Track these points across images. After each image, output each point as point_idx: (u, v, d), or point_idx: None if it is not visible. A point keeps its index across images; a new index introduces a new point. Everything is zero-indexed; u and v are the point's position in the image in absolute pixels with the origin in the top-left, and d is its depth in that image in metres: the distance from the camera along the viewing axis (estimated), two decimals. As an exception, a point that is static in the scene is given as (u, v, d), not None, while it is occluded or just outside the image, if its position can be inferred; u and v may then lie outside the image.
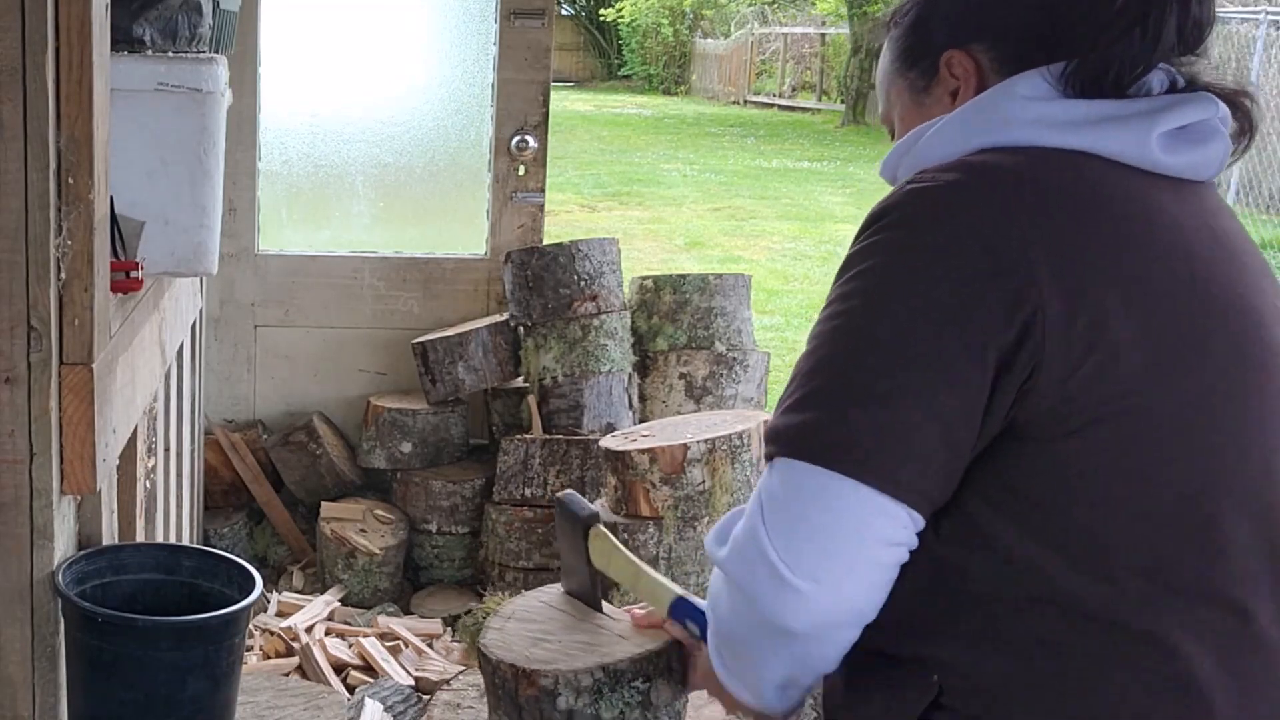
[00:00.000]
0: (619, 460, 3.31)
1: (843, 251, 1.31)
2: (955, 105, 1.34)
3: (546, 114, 4.19)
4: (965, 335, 1.16)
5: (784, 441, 1.21)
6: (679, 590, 1.72)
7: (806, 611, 1.18)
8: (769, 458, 1.23)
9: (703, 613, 1.61)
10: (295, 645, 3.38)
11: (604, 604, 2.12)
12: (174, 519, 3.10)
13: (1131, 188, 1.23)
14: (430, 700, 3.03)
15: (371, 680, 3.21)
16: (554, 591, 2.44)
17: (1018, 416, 1.17)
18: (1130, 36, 1.25)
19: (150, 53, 2.34)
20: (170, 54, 2.37)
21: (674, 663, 1.87)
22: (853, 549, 1.17)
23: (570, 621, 2.49)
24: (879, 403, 1.16)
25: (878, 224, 1.25)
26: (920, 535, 1.21)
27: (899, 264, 1.20)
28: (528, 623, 2.28)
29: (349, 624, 3.58)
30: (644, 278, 4.12)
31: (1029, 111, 1.26)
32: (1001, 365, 1.16)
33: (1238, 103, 1.32)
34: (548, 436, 3.83)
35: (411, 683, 3.22)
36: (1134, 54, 1.26)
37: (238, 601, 2.11)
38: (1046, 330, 1.15)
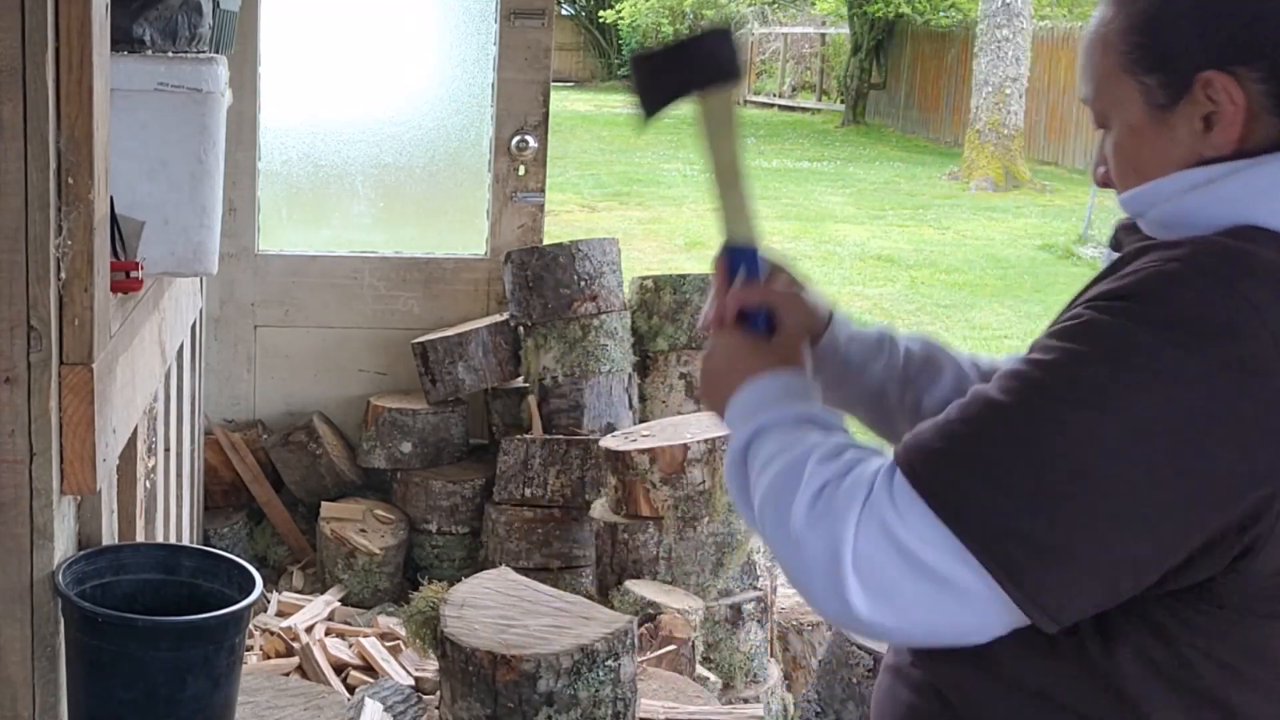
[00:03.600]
0: (619, 460, 3.30)
1: (842, 251, 1.20)
2: (1210, 136, 1.12)
3: (546, 114, 4.19)
4: (1189, 492, 1.01)
5: (930, 488, 1.06)
6: (755, 237, 1.39)
7: (844, 621, 1.09)
8: (905, 473, 1.08)
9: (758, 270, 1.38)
10: (295, 645, 3.38)
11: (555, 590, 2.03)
12: (174, 519, 3.10)
13: None
14: (432, 700, 3.03)
15: (371, 680, 3.20)
16: (493, 576, 2.43)
17: (1214, 581, 1.05)
18: None
19: (150, 53, 2.34)
20: (170, 54, 2.37)
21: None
22: (930, 616, 1.06)
23: (525, 606, 2.50)
24: (1066, 522, 1.01)
25: (1137, 305, 1.04)
26: (1087, 653, 1.09)
27: (1142, 375, 1.02)
28: (484, 609, 2.29)
29: (349, 624, 3.58)
30: (644, 278, 4.12)
31: None
32: (1215, 536, 1.03)
33: None
34: (548, 436, 3.83)
35: (411, 683, 3.22)
36: None
37: (238, 601, 2.11)
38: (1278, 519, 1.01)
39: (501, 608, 2.28)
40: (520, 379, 4.03)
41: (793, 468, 1.14)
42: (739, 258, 1.38)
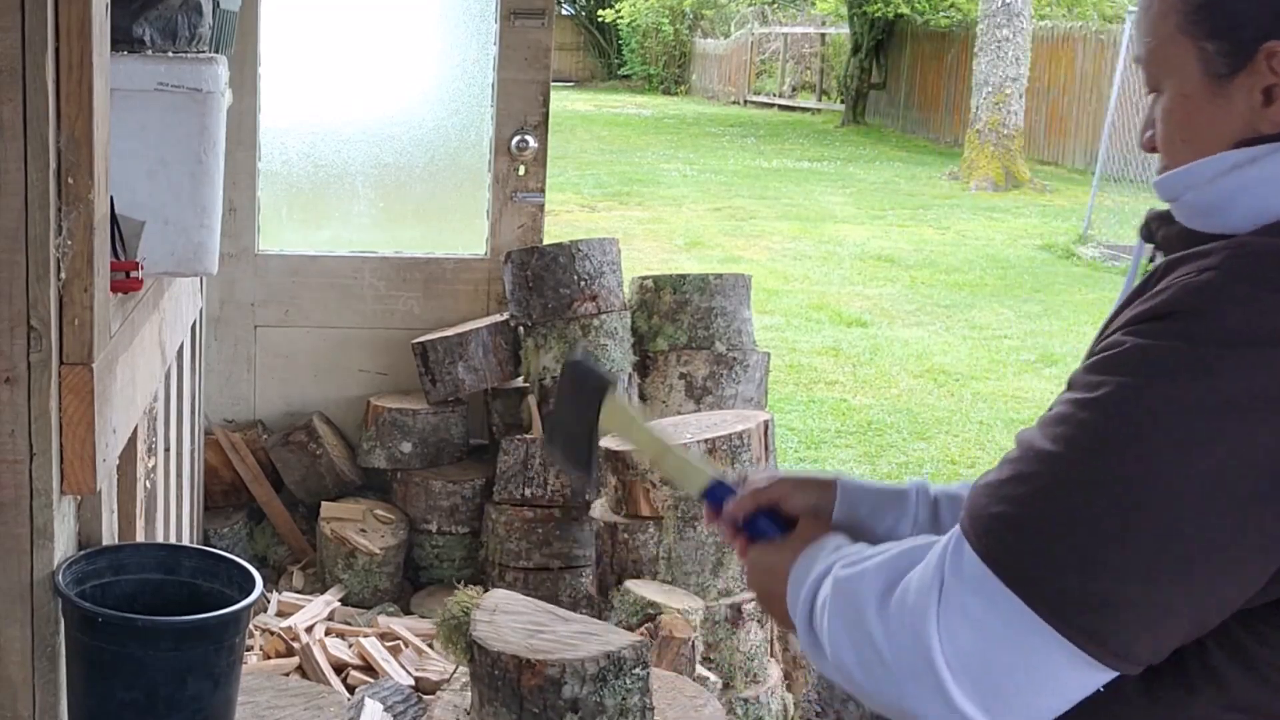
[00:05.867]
0: (619, 460, 3.31)
1: (842, 251, 1.18)
2: (1269, 111, 1.06)
3: (546, 114, 4.19)
4: (1258, 522, 0.95)
5: (994, 556, 1.00)
6: (711, 471, 1.49)
7: None
8: (973, 546, 1.02)
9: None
10: (295, 645, 3.38)
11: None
12: (174, 519, 3.10)
13: None
14: (432, 700, 3.03)
15: (371, 680, 3.21)
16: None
17: None
18: None
19: (150, 53, 2.34)
20: (170, 54, 2.37)
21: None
22: (1037, 698, 1.00)
23: (558, 614, 2.50)
24: (1124, 568, 0.96)
25: (1178, 322, 0.98)
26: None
27: (1203, 399, 0.95)
28: (516, 615, 2.29)
29: (349, 624, 3.58)
30: (644, 278, 4.12)
31: None
32: None
33: None
34: (548, 436, 3.84)
35: (411, 683, 3.22)
36: None
37: (238, 601, 2.11)
38: None
39: (534, 613, 2.28)
40: (520, 379, 4.03)
41: (851, 584, 1.10)
42: (713, 495, 1.46)
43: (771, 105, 24.56)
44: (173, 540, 3.05)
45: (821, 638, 1.13)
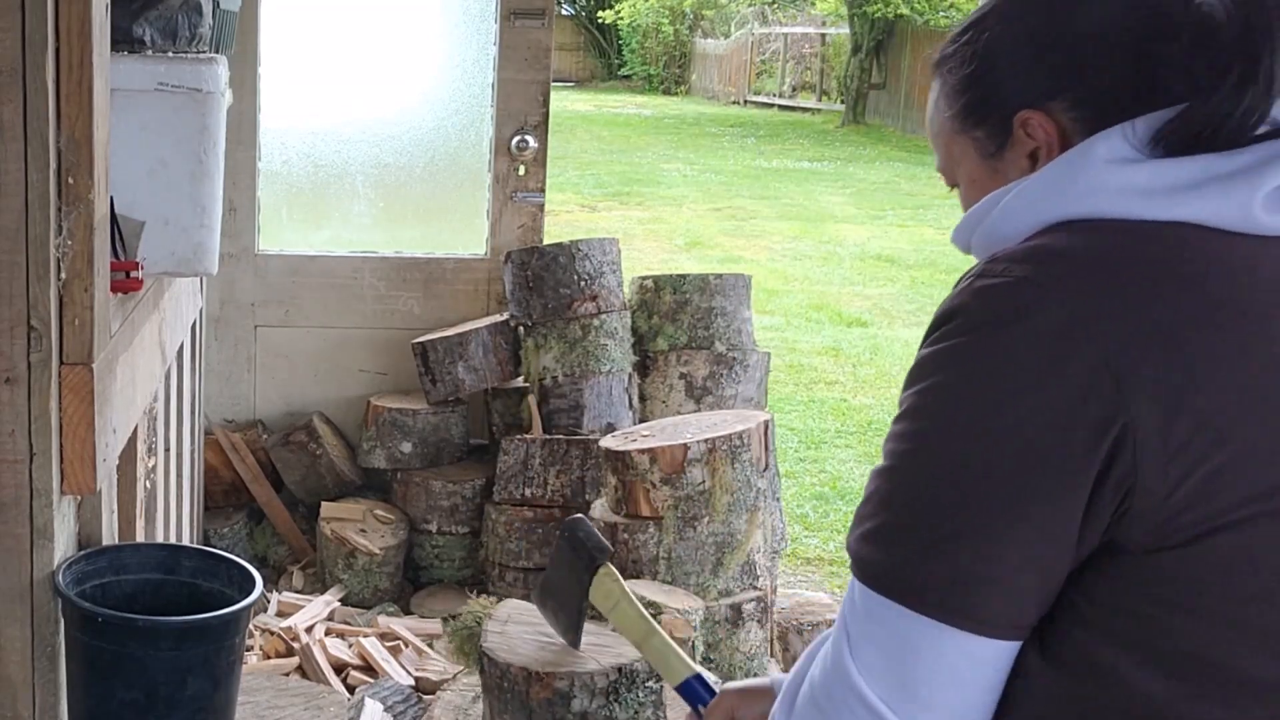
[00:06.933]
0: (619, 460, 3.31)
1: (842, 251, 1.23)
2: (1036, 168, 1.20)
3: (546, 114, 4.19)
4: (1046, 466, 1.05)
5: (867, 575, 1.12)
6: (694, 666, 1.58)
7: None
8: (855, 576, 1.14)
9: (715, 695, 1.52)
10: (295, 645, 3.38)
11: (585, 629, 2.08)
12: (174, 519, 3.10)
13: (1234, 260, 1.09)
14: (432, 700, 3.03)
15: (371, 680, 3.21)
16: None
17: (1116, 536, 1.07)
18: (1244, 86, 1.10)
19: (150, 53, 2.34)
20: (170, 54, 2.37)
21: None
22: (947, 689, 1.09)
23: None
24: (957, 543, 1.07)
25: (944, 327, 1.12)
26: (1027, 662, 1.12)
27: (968, 384, 1.09)
28: (527, 625, 2.28)
29: (349, 624, 3.58)
30: (644, 278, 4.12)
31: (1113, 179, 1.12)
32: (1092, 491, 1.05)
33: None
34: (548, 436, 3.83)
35: (411, 683, 3.22)
36: (1246, 104, 1.10)
37: (238, 601, 2.11)
38: (1139, 451, 1.04)
39: (547, 624, 2.27)
40: (520, 379, 4.03)
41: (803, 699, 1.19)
42: (690, 690, 1.55)
43: (771, 105, 24.56)
44: (173, 540, 3.05)
45: None
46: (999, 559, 1.07)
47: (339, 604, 3.71)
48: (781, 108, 24.28)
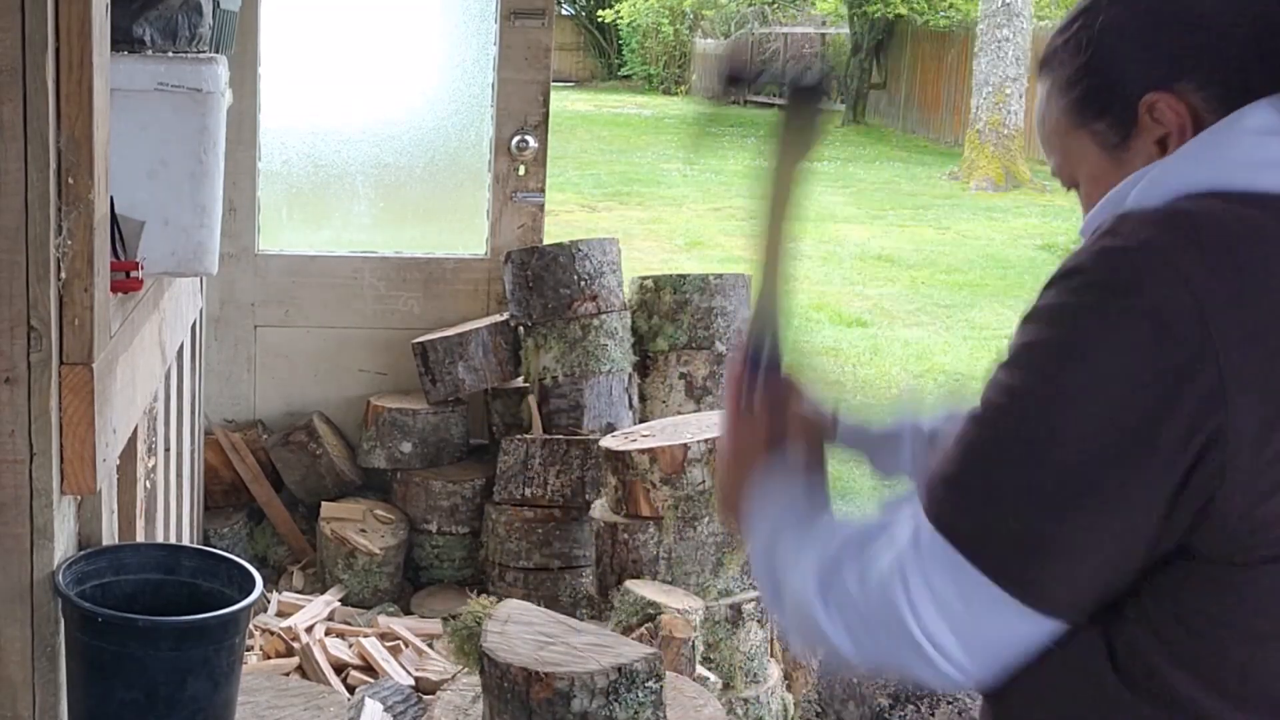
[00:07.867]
0: (619, 460, 3.31)
1: (842, 251, 1.18)
2: (1167, 154, 1.14)
3: (546, 114, 4.19)
4: (1131, 452, 1.01)
5: (932, 514, 1.10)
6: (777, 330, 1.37)
7: (946, 680, 1.11)
8: (925, 513, 1.11)
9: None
10: (295, 645, 3.38)
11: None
12: (174, 519, 3.10)
13: None
14: (432, 700, 3.03)
15: (371, 680, 3.21)
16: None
17: (1192, 540, 1.03)
18: None
19: (150, 53, 2.34)
20: (170, 54, 2.37)
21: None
22: (987, 648, 1.08)
23: (571, 625, 2.50)
24: (1027, 512, 1.04)
25: (1063, 283, 1.07)
26: (1087, 650, 1.09)
27: (1069, 353, 1.04)
28: (527, 625, 2.28)
29: (349, 624, 3.58)
30: (644, 278, 4.12)
31: (1265, 150, 1.07)
32: (1178, 487, 1.02)
33: None
34: (548, 436, 3.83)
35: (411, 683, 3.22)
36: None
37: (238, 601, 2.11)
38: (1230, 454, 1.00)
39: (546, 624, 2.27)
40: (520, 379, 4.03)
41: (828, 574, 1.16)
42: (756, 355, 1.36)
43: (771, 105, 24.55)
44: (173, 540, 3.05)
45: (787, 614, 1.20)
46: (1064, 537, 1.04)
47: (339, 604, 3.71)
48: (781, 108, 24.25)
